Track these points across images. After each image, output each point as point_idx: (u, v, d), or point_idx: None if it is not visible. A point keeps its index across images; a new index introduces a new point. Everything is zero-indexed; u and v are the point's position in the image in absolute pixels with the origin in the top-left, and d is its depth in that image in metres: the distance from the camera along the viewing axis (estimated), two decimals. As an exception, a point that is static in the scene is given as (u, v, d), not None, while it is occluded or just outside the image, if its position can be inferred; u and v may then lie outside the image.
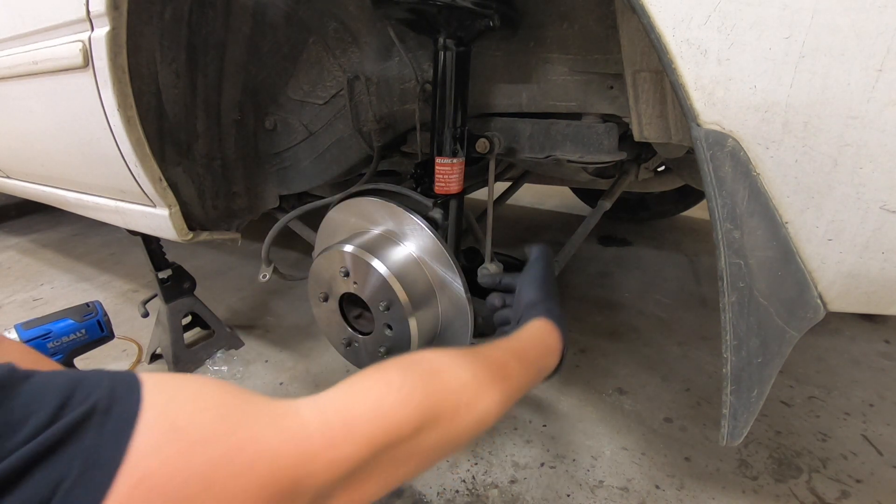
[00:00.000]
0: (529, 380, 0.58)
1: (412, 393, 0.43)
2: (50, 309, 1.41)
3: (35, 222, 2.81)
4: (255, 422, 0.34)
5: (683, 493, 0.92)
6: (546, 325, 0.63)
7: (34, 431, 0.27)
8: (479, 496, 0.93)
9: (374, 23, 0.89)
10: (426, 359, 0.49)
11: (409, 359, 0.49)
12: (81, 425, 0.28)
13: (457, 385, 0.47)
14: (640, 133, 0.72)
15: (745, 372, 0.55)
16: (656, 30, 0.46)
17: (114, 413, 0.29)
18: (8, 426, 0.27)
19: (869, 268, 0.47)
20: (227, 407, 0.34)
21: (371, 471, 0.39)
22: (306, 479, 0.34)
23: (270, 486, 0.32)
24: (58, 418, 0.28)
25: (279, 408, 0.37)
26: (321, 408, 0.39)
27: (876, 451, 1.01)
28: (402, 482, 0.45)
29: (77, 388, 0.30)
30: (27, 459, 0.26)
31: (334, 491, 0.37)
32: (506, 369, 0.53)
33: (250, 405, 0.36)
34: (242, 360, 1.39)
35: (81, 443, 0.27)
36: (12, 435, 0.26)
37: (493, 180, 0.92)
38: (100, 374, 0.32)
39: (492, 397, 0.49)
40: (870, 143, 0.42)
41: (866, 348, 1.35)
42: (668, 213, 2.30)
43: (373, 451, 0.38)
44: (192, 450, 0.30)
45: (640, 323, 1.51)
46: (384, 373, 0.45)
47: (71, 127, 0.99)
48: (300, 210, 1.04)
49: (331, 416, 0.38)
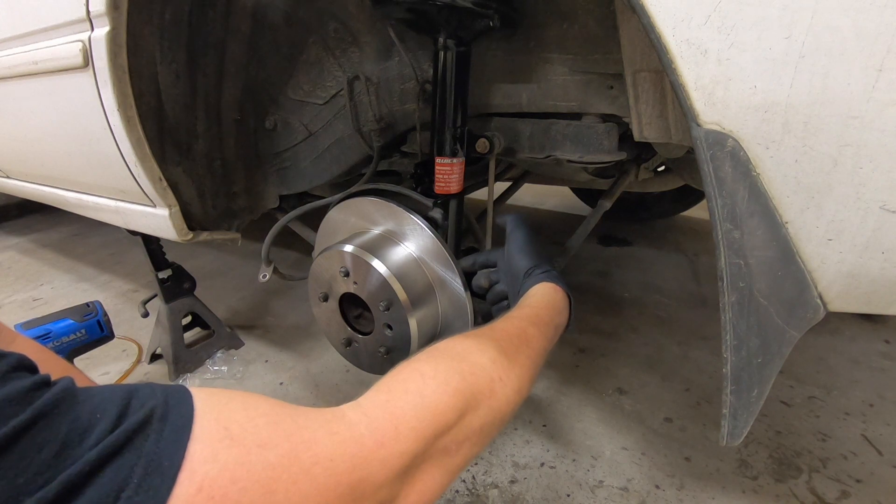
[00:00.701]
0: (548, 341, 0.59)
1: (448, 379, 0.43)
2: (50, 309, 1.41)
3: (35, 222, 2.81)
4: (306, 428, 0.35)
5: (683, 493, 0.92)
6: (549, 287, 0.65)
7: (99, 437, 0.28)
8: (479, 496, 0.93)
9: (374, 23, 0.89)
10: (450, 345, 0.50)
11: (434, 349, 0.49)
12: (141, 431, 0.29)
13: (486, 362, 0.48)
14: (640, 133, 0.72)
15: (745, 372, 0.55)
16: (656, 30, 0.46)
17: (170, 419, 0.30)
18: (76, 433, 0.27)
19: (869, 268, 0.47)
20: (278, 414, 0.35)
21: (428, 464, 0.40)
22: (364, 482, 0.34)
23: (329, 491, 0.33)
24: (119, 425, 0.29)
25: (325, 414, 0.37)
26: (365, 409, 0.39)
27: (876, 451, 1.01)
28: (462, 469, 0.45)
29: (133, 397, 0.31)
30: (93, 464, 0.26)
31: (398, 490, 0.37)
32: (526, 336, 0.55)
33: (299, 412, 0.36)
34: (242, 360, 1.39)
35: (142, 448, 0.28)
36: (80, 442, 0.27)
37: (493, 180, 0.92)
38: (152, 386, 0.32)
39: (521, 365, 0.50)
40: (870, 143, 0.42)
41: (866, 348, 1.35)
42: (668, 213, 2.30)
43: (423, 444, 0.39)
44: (248, 456, 0.31)
45: (640, 323, 1.51)
46: (416, 365, 0.46)
47: (71, 127, 0.99)
48: (300, 210, 1.04)
49: (376, 416, 0.38)
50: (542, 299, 0.63)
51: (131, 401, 0.30)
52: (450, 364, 0.46)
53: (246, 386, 1.28)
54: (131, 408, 0.30)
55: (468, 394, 0.44)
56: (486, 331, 0.54)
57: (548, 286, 0.65)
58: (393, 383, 0.43)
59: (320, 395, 1.24)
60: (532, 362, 0.53)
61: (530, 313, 0.60)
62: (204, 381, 1.31)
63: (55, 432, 0.27)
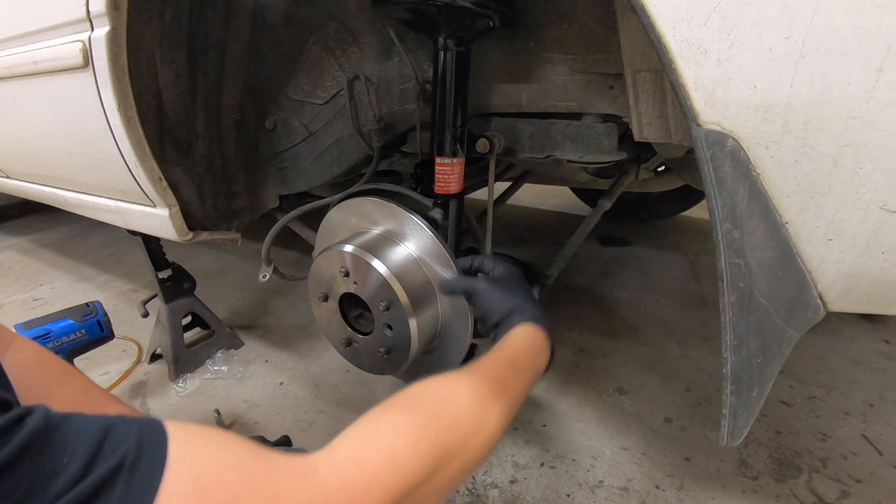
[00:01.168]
0: (527, 385, 0.59)
1: (422, 436, 0.43)
2: (50, 309, 1.41)
3: (35, 222, 2.81)
4: (277, 483, 0.35)
5: (683, 493, 0.92)
6: (531, 330, 0.64)
7: (66, 486, 0.27)
8: (479, 496, 0.93)
9: (374, 23, 0.89)
10: (427, 392, 0.50)
11: (412, 396, 0.49)
12: (110, 481, 0.29)
13: (462, 414, 0.48)
14: (640, 133, 0.72)
15: (745, 372, 0.55)
16: (656, 30, 0.46)
17: (141, 468, 0.30)
18: (42, 479, 0.27)
19: (869, 268, 0.47)
20: (250, 467, 0.35)
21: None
22: None
23: None
24: (88, 472, 0.28)
25: (298, 466, 0.37)
26: (337, 463, 0.39)
27: (876, 451, 1.01)
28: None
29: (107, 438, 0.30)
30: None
31: None
32: (504, 382, 0.55)
33: (272, 463, 0.36)
34: (242, 360, 1.39)
35: (109, 499, 0.28)
36: (45, 489, 0.27)
37: (493, 180, 0.92)
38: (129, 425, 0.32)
39: (497, 413, 0.50)
40: (870, 143, 0.42)
41: (866, 348, 1.35)
42: (668, 213, 2.30)
43: (391, 502, 0.39)
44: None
45: (640, 323, 1.51)
46: (391, 416, 0.45)
47: (71, 127, 0.99)
48: (300, 210, 1.04)
49: (348, 474, 0.38)
50: (523, 341, 0.62)
51: (104, 442, 0.30)
52: (426, 420, 0.45)
53: (246, 386, 1.28)
54: (103, 451, 0.30)
55: (442, 451, 0.44)
56: (467, 373, 0.53)
57: (530, 329, 0.64)
58: (367, 436, 0.43)
59: (320, 395, 1.24)
60: (508, 410, 0.53)
61: (510, 356, 0.60)
62: (204, 380, 1.31)
63: (18, 485, 0.26)
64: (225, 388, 1.28)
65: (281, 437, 0.97)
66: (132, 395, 1.27)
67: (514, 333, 0.64)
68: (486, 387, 0.52)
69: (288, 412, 1.18)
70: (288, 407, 1.20)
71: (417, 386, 0.51)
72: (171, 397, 1.26)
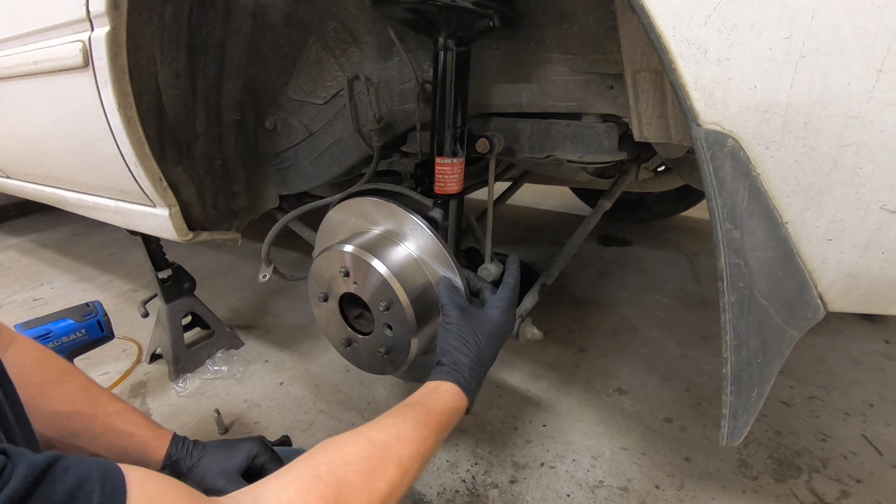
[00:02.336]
0: (439, 444, 0.61)
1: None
2: (50, 309, 1.41)
3: (35, 222, 2.81)
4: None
5: (683, 493, 0.92)
6: (456, 393, 0.65)
7: None
8: (479, 496, 0.93)
9: (374, 23, 0.89)
10: (328, 461, 0.50)
11: (315, 462, 0.50)
12: None
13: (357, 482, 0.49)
14: (640, 133, 0.72)
15: (745, 372, 0.55)
16: (656, 30, 0.46)
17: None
18: None
19: (869, 268, 0.47)
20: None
21: None
22: None
23: None
24: None
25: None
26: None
27: (876, 451, 1.01)
28: None
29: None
30: None
31: None
32: (426, 446, 0.57)
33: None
34: (242, 360, 1.39)
35: None
36: None
37: (493, 180, 0.92)
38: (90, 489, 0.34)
39: (390, 478, 0.52)
40: (870, 143, 0.42)
41: (866, 348, 1.35)
42: (668, 213, 2.30)
43: None
44: None
45: (640, 323, 1.51)
46: (297, 485, 0.47)
47: (71, 127, 0.99)
48: (300, 210, 1.04)
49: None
50: (448, 405, 0.64)
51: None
52: (326, 490, 0.47)
53: (246, 386, 1.28)
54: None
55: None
56: (371, 437, 0.54)
57: (455, 393, 0.65)
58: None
59: (320, 395, 1.24)
60: (417, 470, 0.56)
61: (435, 421, 0.61)
62: (204, 380, 1.31)
63: None
64: (225, 388, 1.28)
65: (281, 437, 0.97)
66: (132, 395, 1.27)
67: (443, 389, 0.65)
68: (409, 456, 0.54)
69: (288, 412, 1.18)
70: (288, 407, 1.20)
71: (321, 450, 0.52)
72: (171, 397, 1.26)
